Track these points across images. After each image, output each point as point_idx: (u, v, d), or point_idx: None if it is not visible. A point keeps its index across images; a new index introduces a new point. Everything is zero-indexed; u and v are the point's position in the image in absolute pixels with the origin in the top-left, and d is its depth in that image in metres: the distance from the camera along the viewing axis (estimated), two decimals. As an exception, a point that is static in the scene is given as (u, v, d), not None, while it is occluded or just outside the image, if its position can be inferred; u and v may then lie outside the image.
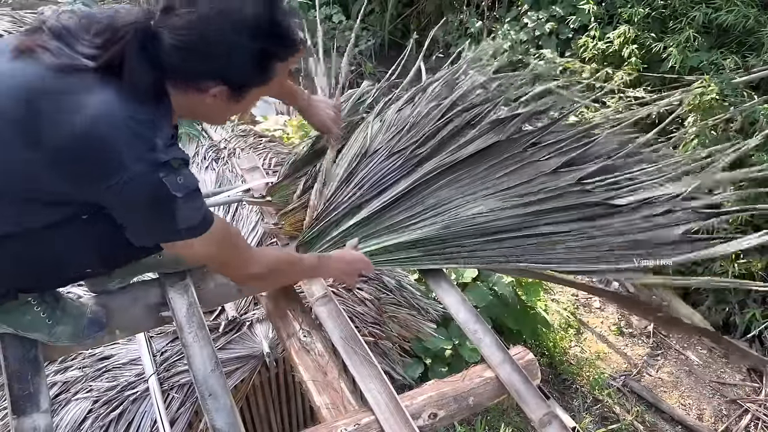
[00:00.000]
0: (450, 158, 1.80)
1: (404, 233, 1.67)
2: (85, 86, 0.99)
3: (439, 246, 1.67)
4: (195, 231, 1.09)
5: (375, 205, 1.71)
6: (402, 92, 2.05)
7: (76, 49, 1.01)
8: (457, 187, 1.77)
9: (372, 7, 7.07)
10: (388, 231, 1.68)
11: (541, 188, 1.77)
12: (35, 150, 0.97)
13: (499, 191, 1.77)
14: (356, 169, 1.77)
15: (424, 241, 1.66)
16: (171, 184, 1.01)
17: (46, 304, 1.29)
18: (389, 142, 1.83)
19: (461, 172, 1.81)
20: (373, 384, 1.40)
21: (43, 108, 0.97)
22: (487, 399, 1.45)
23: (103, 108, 0.97)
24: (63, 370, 2.12)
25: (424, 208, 1.72)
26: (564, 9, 5.12)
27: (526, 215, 1.72)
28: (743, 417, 3.63)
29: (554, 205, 1.74)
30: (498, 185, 1.78)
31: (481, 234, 1.68)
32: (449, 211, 1.71)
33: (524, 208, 1.72)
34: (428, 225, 1.68)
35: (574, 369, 3.86)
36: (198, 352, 1.39)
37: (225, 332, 2.18)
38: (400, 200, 1.73)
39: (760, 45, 3.91)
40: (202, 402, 1.30)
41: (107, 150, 0.97)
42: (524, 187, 1.78)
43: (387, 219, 1.70)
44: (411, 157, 1.80)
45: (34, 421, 1.22)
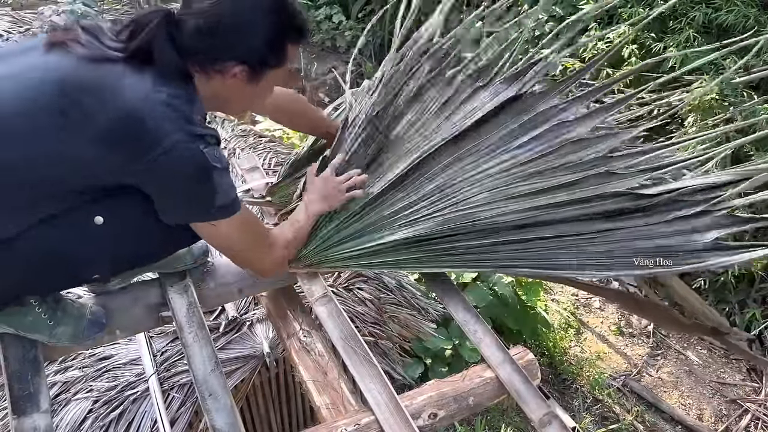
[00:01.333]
0: (454, 127, 1.60)
1: (399, 229, 1.53)
2: (117, 73, 1.04)
3: (438, 247, 1.56)
4: (227, 210, 1.14)
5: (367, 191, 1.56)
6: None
7: (105, 43, 1.07)
8: (462, 165, 1.58)
9: (372, 7, 7.07)
10: (378, 227, 1.55)
11: (563, 163, 1.55)
12: (75, 137, 1.01)
13: (513, 169, 1.56)
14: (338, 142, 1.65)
15: (421, 239, 1.54)
16: (210, 156, 1.06)
17: (47, 305, 1.29)
18: (372, 105, 1.65)
19: (467, 147, 1.60)
20: (373, 384, 1.40)
21: (79, 97, 1.01)
22: (487, 399, 1.45)
23: (138, 88, 1.03)
24: (63, 370, 2.12)
25: (422, 196, 1.56)
26: (564, 9, 5.12)
27: (539, 208, 1.52)
28: (743, 417, 3.63)
29: (574, 195, 1.52)
30: (511, 161, 1.57)
31: (485, 232, 1.53)
32: (450, 199, 1.54)
33: (537, 199, 1.52)
34: (426, 219, 1.53)
35: (574, 369, 3.86)
36: (198, 352, 1.39)
37: (225, 332, 2.18)
38: (397, 186, 1.57)
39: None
40: (202, 402, 1.30)
41: (146, 124, 1.01)
42: (544, 161, 1.56)
43: (377, 212, 1.57)
44: (394, 115, 1.64)
45: (34, 421, 1.22)
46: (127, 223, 1.15)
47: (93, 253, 1.16)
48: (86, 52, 1.05)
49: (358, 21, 7.14)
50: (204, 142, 1.06)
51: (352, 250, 1.57)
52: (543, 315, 3.87)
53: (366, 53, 6.99)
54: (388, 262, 1.58)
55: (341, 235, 1.57)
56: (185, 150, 1.03)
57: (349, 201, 1.53)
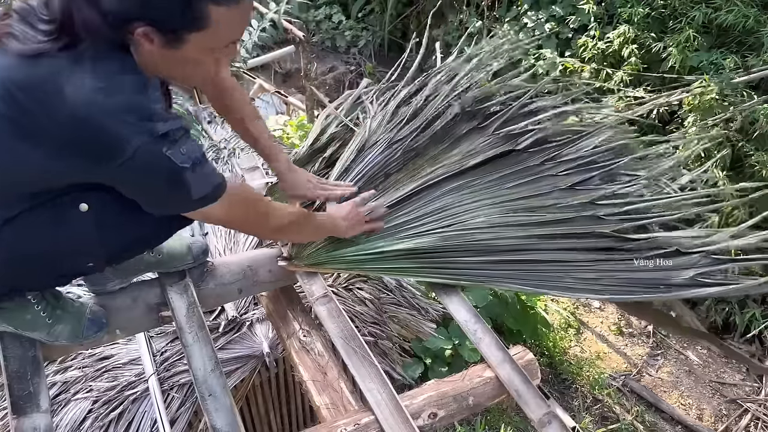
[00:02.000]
0: (456, 165, 1.76)
1: (401, 241, 1.62)
2: (57, 70, 0.96)
3: (437, 260, 1.63)
4: (209, 199, 1.11)
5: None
6: (404, 87, 2.02)
7: (38, 27, 0.98)
8: (461, 194, 1.73)
9: (372, 6, 7.07)
10: (381, 236, 1.64)
11: (553, 203, 1.71)
12: (31, 144, 0.97)
13: (507, 203, 1.71)
14: (354, 162, 1.75)
15: (421, 252, 1.62)
16: (176, 157, 1.01)
17: (46, 303, 1.29)
18: (388, 133, 1.80)
19: (467, 180, 1.76)
20: (373, 384, 1.40)
21: (25, 103, 0.96)
22: (487, 399, 1.45)
23: (82, 87, 0.95)
24: (63, 370, 2.12)
25: (423, 214, 1.68)
26: (564, 9, 5.12)
27: (533, 237, 1.64)
28: (743, 417, 3.63)
29: (565, 230, 1.66)
30: (507, 197, 1.73)
31: (482, 251, 1.62)
32: (450, 220, 1.66)
33: (532, 229, 1.65)
34: (427, 234, 1.63)
35: (574, 369, 3.86)
36: (198, 352, 1.39)
37: (225, 332, 2.18)
38: (402, 203, 1.70)
39: (760, 45, 3.91)
40: (202, 402, 1.30)
41: (102, 131, 0.96)
42: (537, 200, 1.72)
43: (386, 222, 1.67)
44: (409, 149, 1.77)
45: (34, 421, 1.22)
46: (112, 209, 1.12)
47: (80, 241, 1.13)
48: (22, 47, 0.97)
49: (358, 21, 7.14)
50: (167, 141, 0.99)
51: (355, 254, 1.60)
52: (543, 315, 3.87)
53: (366, 53, 7.00)
54: (389, 268, 1.63)
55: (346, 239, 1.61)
56: (149, 155, 0.98)
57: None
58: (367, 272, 1.91)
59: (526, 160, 1.82)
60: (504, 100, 1.93)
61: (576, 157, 1.84)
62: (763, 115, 3.49)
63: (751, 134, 3.61)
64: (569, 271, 1.60)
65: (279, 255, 1.66)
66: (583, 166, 1.82)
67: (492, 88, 1.93)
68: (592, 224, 1.68)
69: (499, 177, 1.78)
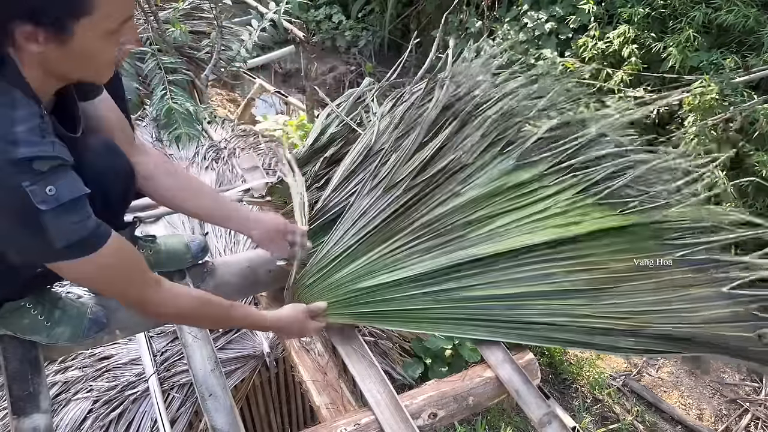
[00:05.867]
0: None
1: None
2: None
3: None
4: (76, 251, 0.93)
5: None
6: (412, 92, 1.99)
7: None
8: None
9: (372, 6, 7.07)
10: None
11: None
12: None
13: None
14: (358, 167, 1.74)
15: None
16: (36, 195, 0.86)
17: (42, 307, 1.29)
18: (396, 141, 1.76)
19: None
20: (373, 384, 1.40)
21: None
22: (487, 399, 1.45)
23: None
24: (63, 370, 2.12)
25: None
26: (564, 9, 5.12)
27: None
28: (743, 417, 3.62)
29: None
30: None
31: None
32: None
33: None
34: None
35: (574, 369, 3.86)
36: (198, 352, 1.39)
37: (225, 332, 2.18)
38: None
39: (760, 45, 3.91)
40: (202, 402, 1.30)
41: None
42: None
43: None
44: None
45: (34, 421, 1.22)
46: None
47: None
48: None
49: (358, 21, 7.14)
50: (30, 173, 0.85)
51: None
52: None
53: (366, 53, 7.00)
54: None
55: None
56: (2, 191, 0.85)
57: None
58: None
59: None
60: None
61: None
62: (763, 115, 3.49)
63: (751, 134, 3.61)
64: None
65: (279, 255, 1.66)
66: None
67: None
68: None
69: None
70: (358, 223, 1.57)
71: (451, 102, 1.82)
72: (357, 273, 1.51)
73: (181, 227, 2.41)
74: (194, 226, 2.39)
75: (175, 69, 2.64)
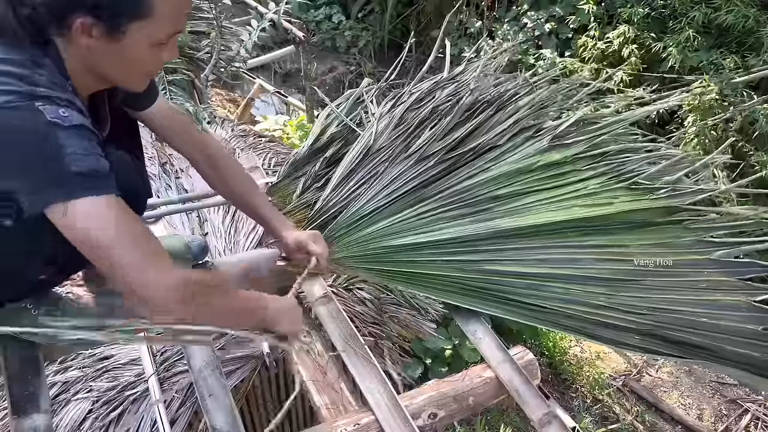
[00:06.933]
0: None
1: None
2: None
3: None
4: (88, 182, 0.89)
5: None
6: (411, 92, 2.00)
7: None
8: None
9: (372, 6, 7.07)
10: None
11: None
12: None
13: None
14: (358, 166, 1.75)
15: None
16: (48, 111, 0.87)
17: (43, 307, 1.29)
18: (395, 140, 1.77)
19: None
20: (373, 384, 1.40)
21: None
22: (487, 399, 1.45)
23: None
24: (63, 370, 2.12)
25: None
26: (564, 9, 5.12)
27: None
28: (743, 417, 3.63)
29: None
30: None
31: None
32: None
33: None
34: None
35: (574, 369, 3.86)
36: (198, 352, 1.39)
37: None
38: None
39: (760, 45, 3.91)
40: (202, 402, 1.30)
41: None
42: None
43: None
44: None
45: (34, 421, 1.22)
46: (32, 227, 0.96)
47: (11, 258, 1.07)
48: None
49: (358, 21, 7.15)
50: (45, 100, 0.88)
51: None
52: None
53: (366, 53, 7.00)
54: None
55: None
56: (15, 111, 0.86)
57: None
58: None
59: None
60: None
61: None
62: (763, 115, 3.50)
63: (751, 134, 3.61)
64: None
65: (279, 255, 1.66)
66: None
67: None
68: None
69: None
70: (390, 187, 1.61)
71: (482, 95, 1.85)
72: (384, 231, 1.55)
73: (181, 227, 2.41)
74: (194, 227, 2.39)
75: (175, 69, 2.64)
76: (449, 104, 1.84)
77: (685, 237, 1.59)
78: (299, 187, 1.82)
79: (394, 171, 1.65)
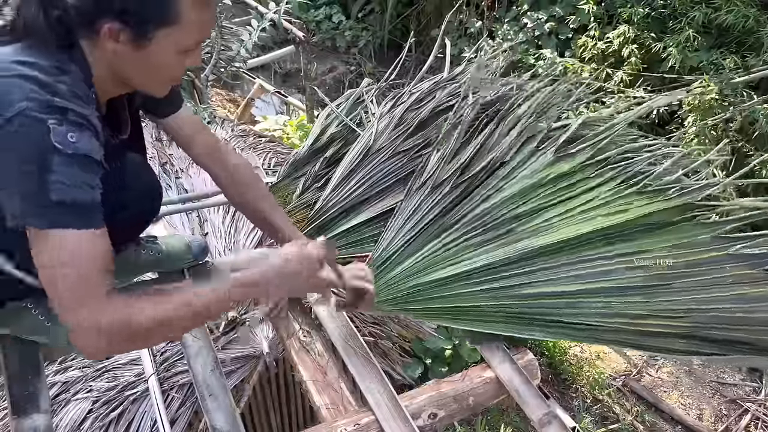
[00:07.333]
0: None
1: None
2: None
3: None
4: (63, 214, 0.88)
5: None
6: (411, 92, 2.00)
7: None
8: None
9: (372, 6, 7.07)
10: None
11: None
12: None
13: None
14: (358, 166, 1.76)
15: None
16: (55, 131, 0.87)
17: (43, 308, 1.29)
18: (394, 140, 1.78)
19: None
20: (373, 384, 1.40)
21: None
22: (487, 399, 1.45)
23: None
24: (63, 370, 2.12)
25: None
26: (564, 9, 5.12)
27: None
28: (743, 417, 3.62)
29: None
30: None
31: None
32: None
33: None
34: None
35: (574, 369, 3.86)
36: (198, 352, 1.39)
37: (225, 332, 2.18)
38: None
39: (760, 45, 3.91)
40: (202, 402, 1.30)
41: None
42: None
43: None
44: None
45: (34, 421, 1.22)
46: None
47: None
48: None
49: (358, 21, 7.15)
50: (59, 116, 0.88)
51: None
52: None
53: (366, 53, 7.00)
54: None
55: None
56: (27, 120, 0.86)
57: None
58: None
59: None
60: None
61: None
62: (763, 115, 3.50)
63: (751, 134, 3.61)
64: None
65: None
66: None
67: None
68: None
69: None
70: (410, 221, 1.59)
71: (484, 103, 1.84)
72: (412, 270, 1.52)
73: (181, 227, 2.41)
74: (194, 227, 2.39)
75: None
76: (450, 105, 1.85)
77: (702, 235, 1.59)
78: (299, 187, 1.82)
79: (412, 203, 1.62)
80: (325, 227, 1.69)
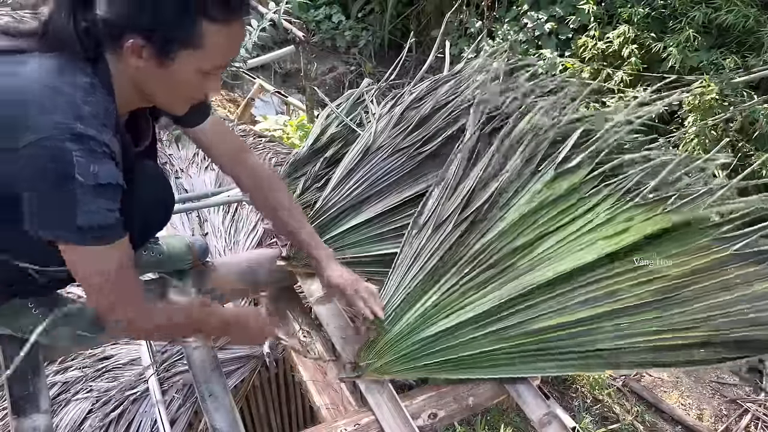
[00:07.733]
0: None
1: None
2: (19, 61, 0.97)
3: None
4: (90, 235, 0.96)
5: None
6: (411, 92, 1.99)
7: (20, 30, 1.01)
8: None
9: (372, 6, 7.07)
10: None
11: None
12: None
13: None
14: (357, 166, 1.76)
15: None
16: (79, 164, 0.91)
17: (44, 307, 1.29)
18: (394, 138, 1.77)
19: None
20: (373, 384, 1.40)
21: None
22: (487, 399, 1.45)
23: (28, 73, 0.94)
24: (63, 370, 2.11)
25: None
26: (564, 9, 5.12)
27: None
28: (743, 417, 3.62)
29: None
30: None
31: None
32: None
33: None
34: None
35: (574, 369, 3.85)
36: (198, 352, 1.39)
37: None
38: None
39: (760, 45, 3.91)
40: (202, 402, 1.30)
41: (27, 109, 0.91)
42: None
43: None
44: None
45: (34, 421, 1.22)
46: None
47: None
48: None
49: (358, 21, 7.14)
50: (82, 145, 0.91)
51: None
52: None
53: (366, 53, 7.00)
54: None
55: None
56: (52, 146, 0.89)
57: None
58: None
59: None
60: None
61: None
62: (763, 115, 3.50)
63: (751, 134, 3.61)
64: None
65: (279, 255, 1.67)
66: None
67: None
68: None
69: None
70: (411, 271, 1.52)
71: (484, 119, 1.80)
72: (414, 323, 1.45)
73: (181, 227, 2.41)
74: (194, 227, 2.39)
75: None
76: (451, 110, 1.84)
77: (701, 239, 1.57)
78: (299, 187, 1.82)
79: (412, 250, 1.55)
80: (325, 227, 1.69)
